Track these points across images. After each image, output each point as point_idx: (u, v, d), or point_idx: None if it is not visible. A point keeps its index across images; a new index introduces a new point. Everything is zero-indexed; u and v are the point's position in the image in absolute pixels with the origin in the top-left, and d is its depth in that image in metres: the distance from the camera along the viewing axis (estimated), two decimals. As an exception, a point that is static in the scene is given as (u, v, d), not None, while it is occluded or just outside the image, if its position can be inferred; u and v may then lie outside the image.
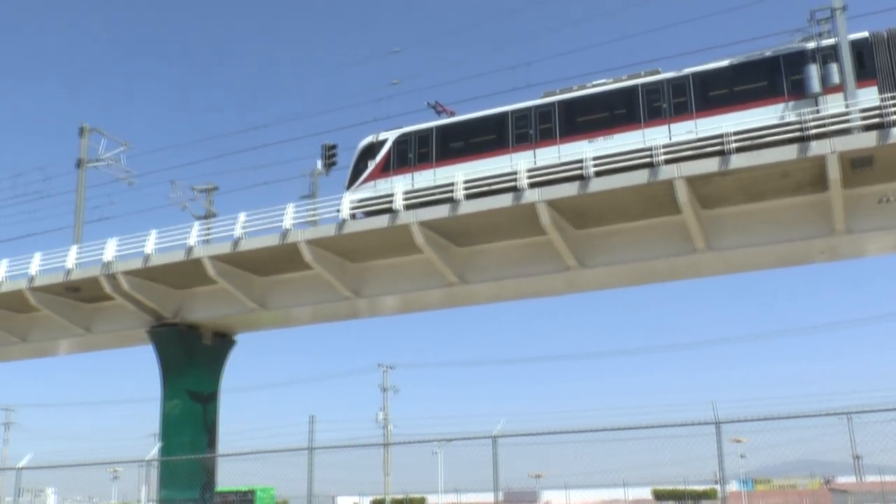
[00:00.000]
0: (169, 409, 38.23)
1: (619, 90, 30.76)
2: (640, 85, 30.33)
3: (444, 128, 33.85)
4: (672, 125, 29.24)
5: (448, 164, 32.81)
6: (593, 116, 30.80)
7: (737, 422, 17.84)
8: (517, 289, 34.16)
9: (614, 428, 18.68)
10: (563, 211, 29.16)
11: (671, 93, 29.76)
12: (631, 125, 29.91)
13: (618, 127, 30.12)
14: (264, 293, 36.88)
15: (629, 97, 30.42)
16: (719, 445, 17.49)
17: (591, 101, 31.12)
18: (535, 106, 32.10)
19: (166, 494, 36.05)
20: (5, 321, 42.99)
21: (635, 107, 30.13)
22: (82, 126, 44.33)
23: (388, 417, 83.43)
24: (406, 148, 34.27)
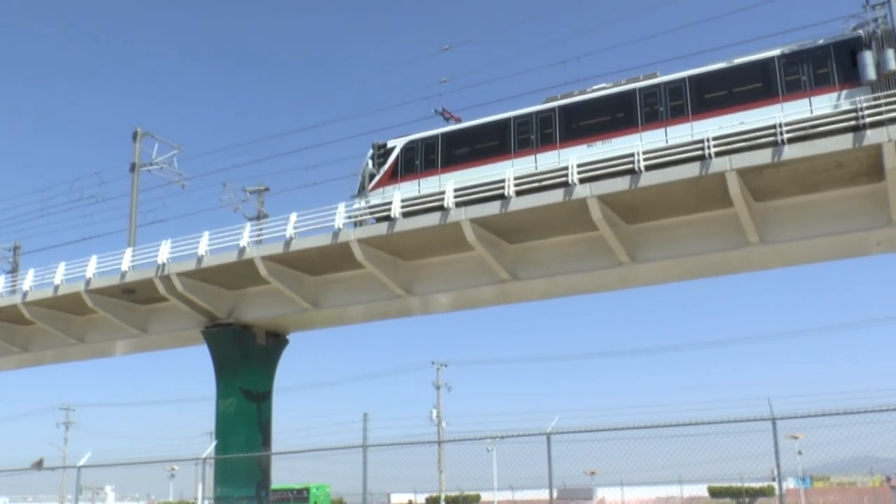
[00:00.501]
0: (224, 407, 38.55)
1: (616, 94, 31.11)
2: (637, 89, 30.68)
3: (449, 135, 34.48)
4: (668, 128, 29.54)
5: (453, 171, 33.56)
6: (592, 121, 31.26)
7: (793, 418, 17.64)
8: (569, 285, 34.00)
9: (669, 424, 18.53)
10: (614, 206, 28.94)
11: (668, 96, 30.01)
12: (629, 129, 30.29)
13: (616, 131, 30.58)
14: (317, 292, 37.04)
15: (627, 101, 30.80)
16: (776, 442, 17.27)
17: (590, 105, 31.63)
18: (536, 112, 32.64)
19: (222, 492, 36.40)
20: (64, 323, 43.66)
21: (633, 110, 30.50)
22: (136, 130, 44.88)
23: (441, 415, 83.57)
24: (413, 155, 34.92)
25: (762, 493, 73.39)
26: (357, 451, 21.98)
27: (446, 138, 34.44)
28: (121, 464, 29.06)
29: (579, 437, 19.40)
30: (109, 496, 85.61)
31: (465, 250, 32.53)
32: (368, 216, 33.24)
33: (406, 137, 35.50)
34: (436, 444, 40.71)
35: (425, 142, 34.84)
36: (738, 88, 28.76)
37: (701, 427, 18.30)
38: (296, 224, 34.39)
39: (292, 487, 68.99)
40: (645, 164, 27.91)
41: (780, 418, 17.22)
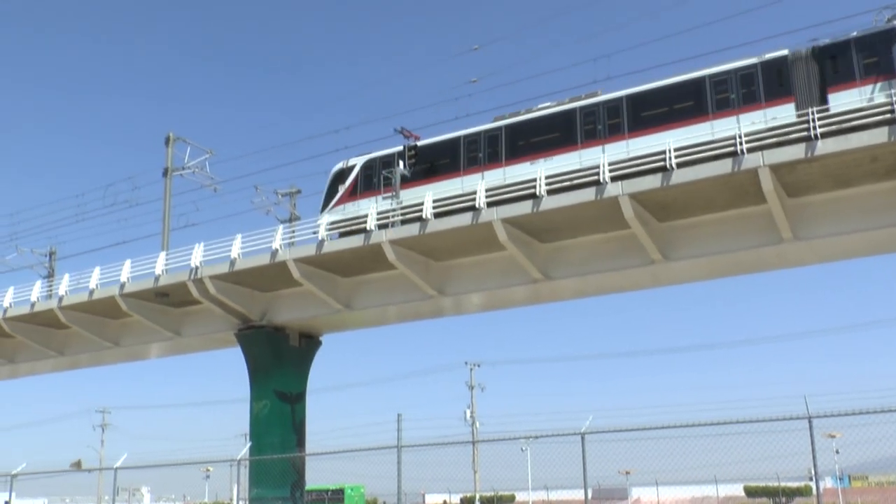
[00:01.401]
0: (258, 409, 38.73)
1: (558, 113, 32.26)
2: (577, 108, 31.76)
3: (405, 153, 35.44)
4: (606, 145, 30.55)
5: (409, 188, 34.73)
6: (536, 139, 32.38)
7: (829, 416, 17.47)
8: (602, 284, 33.88)
9: (704, 423, 18.37)
10: (646, 204, 28.81)
11: (606, 115, 31.05)
12: (570, 147, 31.41)
13: (557, 149, 31.67)
14: (349, 294, 37.13)
15: (568, 120, 31.87)
16: (812, 441, 17.14)
17: (533, 124, 32.71)
18: (484, 130, 33.78)
19: (257, 493, 36.55)
20: (99, 327, 44.03)
21: (573, 129, 31.57)
22: (168, 135, 45.22)
23: (475, 415, 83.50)
24: (372, 173, 36.18)
25: (799, 492, 72.79)
26: (391, 451, 22.00)
27: (401, 157, 35.48)
28: (156, 465, 29.25)
29: (613, 436, 19.34)
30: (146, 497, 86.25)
31: (497, 250, 32.52)
32: (399, 217, 33.28)
33: (366, 156, 36.73)
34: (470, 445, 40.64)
35: (383, 160, 36.01)
36: (671, 107, 29.79)
37: (736, 426, 18.17)
38: (328, 225, 34.51)
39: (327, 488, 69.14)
40: (676, 162, 27.76)
41: (817, 417, 17.08)
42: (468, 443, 32.74)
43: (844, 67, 27.23)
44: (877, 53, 26.73)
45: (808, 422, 17.02)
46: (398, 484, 21.80)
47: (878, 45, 26.80)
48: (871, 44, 26.90)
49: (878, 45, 26.79)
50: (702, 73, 29.79)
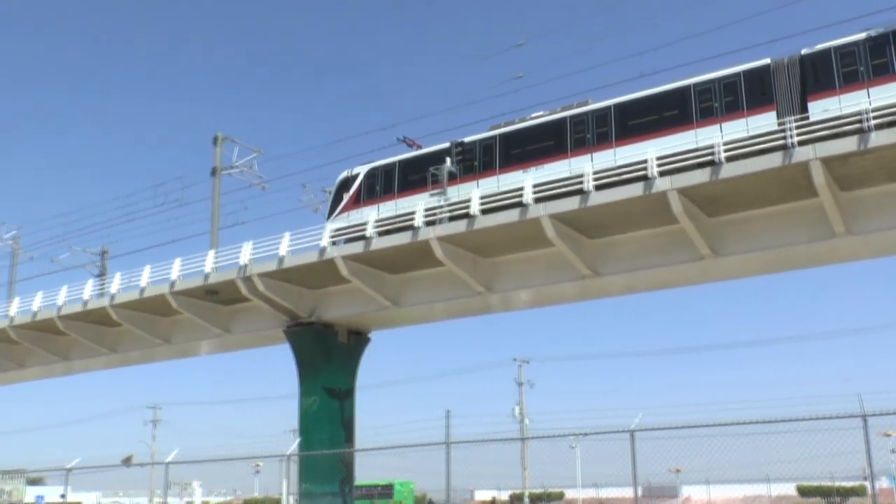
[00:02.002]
0: (307, 405, 38.88)
1: (549, 123, 33.10)
2: (568, 117, 32.56)
3: (404, 162, 36.81)
4: (594, 154, 31.33)
5: (406, 195, 35.89)
6: (529, 147, 33.24)
7: (885, 415, 17.21)
8: (650, 279, 33.60)
9: (755, 421, 18.15)
10: (694, 198, 28.46)
11: (594, 123, 31.84)
12: (560, 155, 32.26)
13: (549, 157, 32.55)
14: (397, 291, 37.18)
15: (559, 129, 32.72)
16: (867, 439, 16.92)
17: (526, 133, 33.61)
18: (479, 139, 34.72)
19: (307, 488, 36.71)
20: (150, 325, 44.51)
21: (564, 136, 32.39)
22: (216, 135, 45.55)
23: (524, 412, 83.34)
24: (374, 181, 37.36)
25: (854, 492, 71.68)
26: (440, 447, 22.06)
27: (402, 165, 36.76)
28: (207, 460, 29.54)
29: (663, 434, 19.22)
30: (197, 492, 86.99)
31: (545, 246, 32.36)
32: (447, 215, 33.26)
33: (369, 165, 37.86)
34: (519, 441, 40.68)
35: (384, 168, 37.25)
36: (657, 115, 30.46)
37: (788, 424, 17.96)
38: (376, 223, 34.59)
39: (376, 484, 69.40)
40: (725, 156, 27.42)
41: (872, 415, 16.84)
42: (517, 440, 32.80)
43: (824, 76, 27.66)
44: (856, 62, 27.24)
45: (863, 420, 16.79)
46: (447, 480, 21.92)
47: (856, 54, 27.31)
48: (849, 52, 27.44)
49: (857, 54, 27.29)
50: (687, 82, 30.37)
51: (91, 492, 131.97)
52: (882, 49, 26.74)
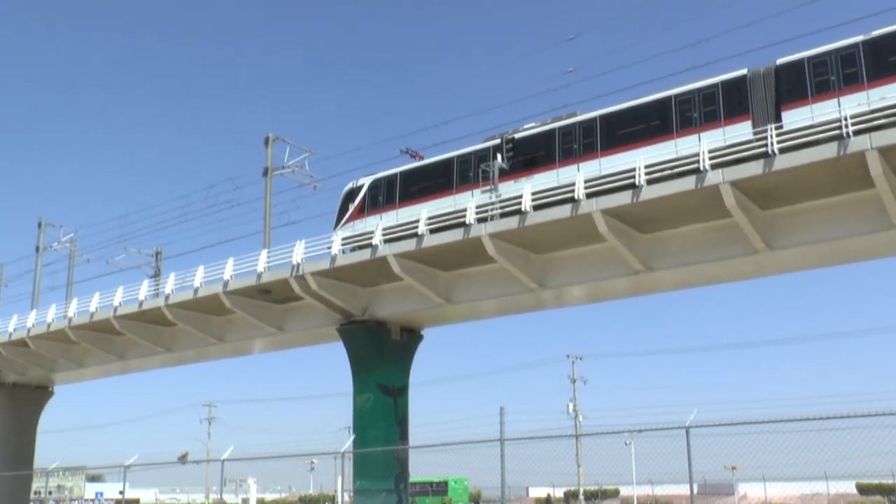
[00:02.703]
0: (361, 403, 39.05)
1: (539, 134, 34.51)
2: (556, 128, 33.93)
3: (404, 173, 38.48)
4: (581, 164, 32.65)
5: (406, 206, 37.46)
6: (521, 158, 34.51)
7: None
8: (703, 274, 33.29)
9: (814, 417, 17.84)
10: (747, 191, 28.09)
11: (581, 134, 33.10)
12: (550, 165, 33.64)
13: (539, 167, 33.96)
14: (450, 288, 37.21)
15: (548, 140, 34.09)
16: (931, 436, 16.63)
17: (517, 144, 34.66)
18: (475, 151, 36.13)
19: (361, 485, 36.88)
20: (204, 324, 44.95)
21: (553, 148, 33.74)
22: (267, 136, 45.81)
23: (577, 408, 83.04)
24: (377, 192, 39.03)
25: (917, 490, 70.47)
26: (494, 444, 21.97)
27: (402, 177, 38.43)
28: (262, 457, 29.84)
29: (719, 430, 18.94)
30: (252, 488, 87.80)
31: (597, 242, 32.19)
32: (499, 211, 33.23)
33: (373, 176, 39.56)
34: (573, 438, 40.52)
35: (387, 180, 38.92)
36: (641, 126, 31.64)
37: (848, 420, 17.67)
38: (427, 221, 34.66)
39: (431, 480, 69.52)
40: (778, 147, 27.08)
41: (935, 411, 16.53)
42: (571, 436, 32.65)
43: (798, 86, 28.52)
44: (828, 72, 28.05)
45: (927, 416, 16.49)
46: (502, 477, 21.79)
47: (828, 64, 28.12)
48: (821, 62, 28.26)
49: (829, 64, 28.11)
50: (668, 93, 31.41)
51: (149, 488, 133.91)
52: (852, 59, 27.61)
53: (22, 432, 61.13)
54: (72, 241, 58.94)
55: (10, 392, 60.65)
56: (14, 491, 56.64)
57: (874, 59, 27.31)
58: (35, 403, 62.36)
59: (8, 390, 60.62)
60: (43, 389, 62.58)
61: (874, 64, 27.30)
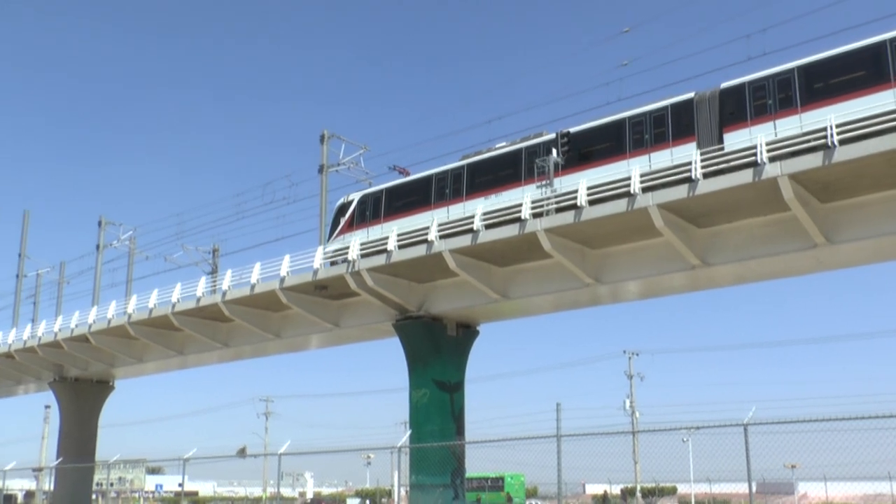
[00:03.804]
0: (417, 398, 39.17)
1: (507, 153, 36.37)
2: (523, 148, 35.73)
3: (389, 189, 40.69)
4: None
5: (390, 220, 39.46)
6: (491, 176, 36.54)
7: None
8: (761, 269, 32.84)
9: (877, 416, 17.45)
10: (806, 184, 27.60)
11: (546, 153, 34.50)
12: (516, 183, 35.38)
13: (507, 185, 35.72)
14: (505, 283, 37.14)
15: (515, 159, 35.89)
16: None
17: (489, 163, 36.88)
18: (451, 169, 38.18)
19: (417, 480, 36.97)
20: (261, 319, 45.33)
21: (519, 166, 35.49)
22: (323, 133, 46.02)
23: (634, 405, 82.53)
24: (365, 207, 41.19)
25: None
26: (551, 440, 21.88)
27: (387, 193, 40.66)
28: (318, 452, 30.16)
29: (778, 428, 18.60)
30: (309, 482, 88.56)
31: (653, 236, 31.94)
32: (554, 206, 33.09)
33: (361, 192, 41.80)
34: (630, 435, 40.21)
35: (373, 196, 41.11)
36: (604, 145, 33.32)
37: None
38: (483, 216, 34.62)
39: (487, 476, 69.55)
40: (838, 139, 26.59)
41: None
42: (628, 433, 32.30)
43: (738, 109, 29.95)
44: (765, 96, 29.45)
45: None
46: (558, 473, 21.72)
47: (766, 88, 29.54)
48: (760, 87, 29.66)
49: (767, 88, 29.52)
50: (622, 115, 33.09)
51: (207, 481, 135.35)
52: (787, 84, 29.01)
53: (84, 426, 62.25)
54: (131, 239, 59.77)
55: (72, 386, 61.77)
56: (77, 483, 57.66)
57: (807, 84, 28.75)
58: (96, 397, 63.46)
59: (70, 385, 61.74)
60: (104, 384, 63.69)
61: (807, 89, 28.73)
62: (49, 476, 67.73)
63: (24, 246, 66.71)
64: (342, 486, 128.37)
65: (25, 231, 66.87)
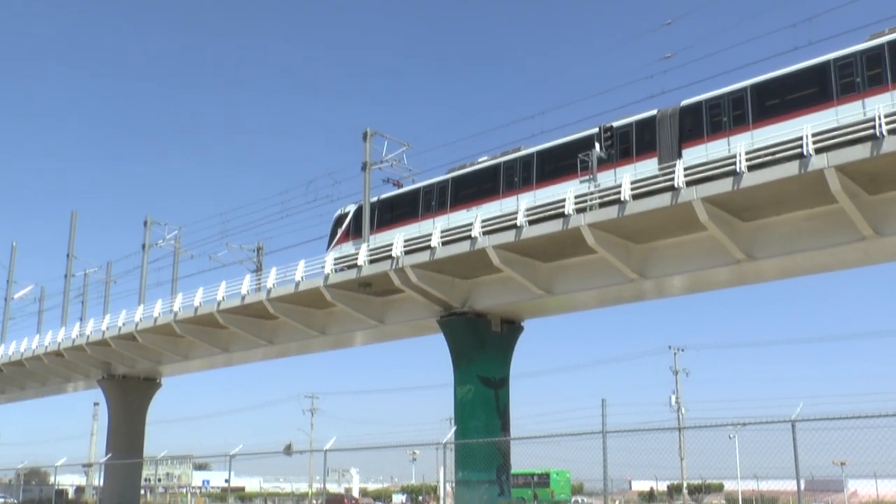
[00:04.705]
0: (462, 394, 39.18)
1: (487, 168, 38.52)
2: (501, 163, 37.97)
3: (381, 201, 43.17)
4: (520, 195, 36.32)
5: (381, 231, 41.89)
6: (472, 189, 38.71)
7: None
8: (808, 263, 32.45)
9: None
10: (854, 176, 27.18)
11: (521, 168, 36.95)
12: (494, 196, 37.56)
13: (487, 197, 37.83)
14: (549, 279, 37.05)
15: (494, 173, 38.07)
16: None
17: (471, 177, 39.16)
18: (437, 182, 40.40)
19: (463, 476, 36.97)
20: (306, 317, 45.53)
21: (498, 180, 37.70)
22: (365, 131, 46.01)
23: (680, 401, 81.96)
24: (359, 218, 43.10)
25: None
26: (596, 436, 21.79)
27: (380, 205, 43.05)
28: (364, 448, 30.24)
29: (827, 424, 18.39)
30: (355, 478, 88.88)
31: (698, 231, 31.70)
32: (598, 201, 32.95)
33: (357, 204, 43.95)
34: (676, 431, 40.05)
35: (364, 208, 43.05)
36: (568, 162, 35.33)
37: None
38: (526, 212, 34.55)
39: (533, 472, 69.34)
40: (887, 129, 26.20)
41: None
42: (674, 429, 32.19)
43: (696, 126, 31.74)
44: (721, 113, 31.19)
45: None
46: (604, 470, 21.64)
47: (722, 106, 31.26)
48: (716, 105, 31.39)
49: (722, 106, 31.25)
50: (588, 132, 34.91)
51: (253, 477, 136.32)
52: (741, 102, 30.71)
53: (132, 422, 62.93)
54: (176, 238, 60.19)
55: (120, 384, 62.45)
56: (125, 478, 58.36)
57: (759, 102, 30.38)
58: (144, 394, 64.15)
59: (118, 382, 62.42)
60: (151, 381, 64.34)
61: (759, 107, 30.35)
62: (98, 472, 68.79)
63: (72, 246, 67.38)
64: (388, 483, 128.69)
65: (73, 231, 67.55)
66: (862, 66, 27.99)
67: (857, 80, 27.98)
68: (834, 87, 28.40)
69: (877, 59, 27.67)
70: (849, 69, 28.29)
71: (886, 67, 27.39)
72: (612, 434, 21.59)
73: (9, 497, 70.96)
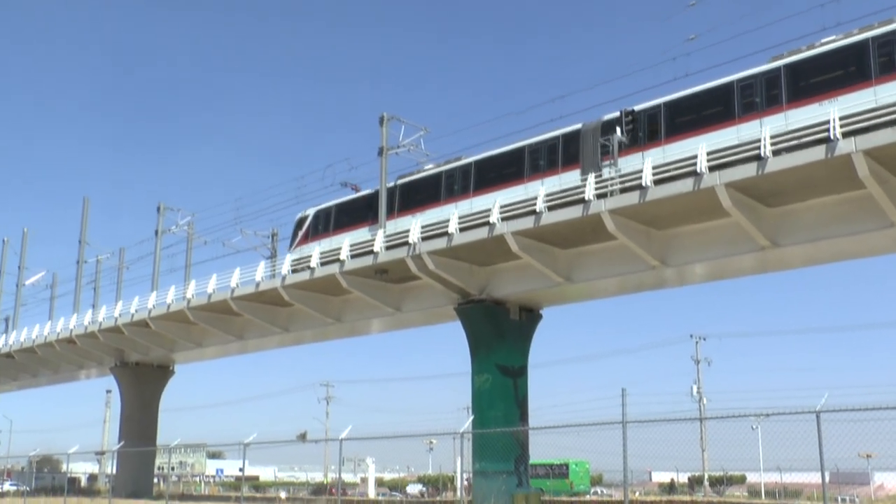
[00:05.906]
0: (479, 383, 38.68)
1: (432, 175, 40.55)
2: (443, 172, 39.92)
3: (338, 206, 44.71)
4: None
5: (337, 234, 43.27)
6: (421, 195, 40.68)
7: None
8: (834, 250, 31.78)
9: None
10: (883, 160, 26.43)
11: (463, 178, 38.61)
12: (436, 203, 39.47)
13: (433, 203, 39.70)
14: (569, 266, 36.49)
15: (436, 181, 39.83)
16: None
17: (418, 183, 41.14)
18: (391, 188, 42.07)
19: (480, 466, 36.56)
20: (321, 304, 45.16)
21: (439, 188, 39.65)
22: (382, 115, 45.58)
23: (701, 390, 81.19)
24: (318, 221, 45.06)
25: None
26: (616, 427, 21.27)
27: (336, 209, 44.64)
28: (380, 437, 29.77)
29: (852, 416, 17.83)
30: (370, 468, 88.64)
31: (721, 217, 31.02)
32: (618, 187, 32.37)
33: (316, 207, 45.71)
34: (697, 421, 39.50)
35: (325, 211, 45.03)
36: (496, 174, 37.50)
37: None
38: (545, 198, 33.99)
39: (551, 463, 68.88)
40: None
41: None
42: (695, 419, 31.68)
43: (608, 141, 33.31)
44: (638, 128, 32.99)
45: None
46: (624, 460, 21.08)
47: (639, 121, 32.99)
48: (630, 121, 33.14)
49: (639, 121, 32.98)
50: (522, 143, 36.97)
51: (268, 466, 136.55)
52: (656, 118, 32.49)
53: (145, 410, 62.83)
54: (189, 224, 59.89)
55: (133, 371, 62.30)
56: (139, 466, 58.37)
57: (671, 117, 32.01)
58: (157, 382, 64.03)
59: (131, 370, 62.27)
60: (164, 369, 64.20)
61: (671, 123, 31.95)
62: (111, 459, 68.72)
63: (85, 232, 67.20)
64: (404, 472, 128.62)
65: (85, 217, 67.38)
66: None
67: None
68: (736, 107, 30.41)
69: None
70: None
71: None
72: (632, 424, 21.05)
73: (21, 485, 71.05)
